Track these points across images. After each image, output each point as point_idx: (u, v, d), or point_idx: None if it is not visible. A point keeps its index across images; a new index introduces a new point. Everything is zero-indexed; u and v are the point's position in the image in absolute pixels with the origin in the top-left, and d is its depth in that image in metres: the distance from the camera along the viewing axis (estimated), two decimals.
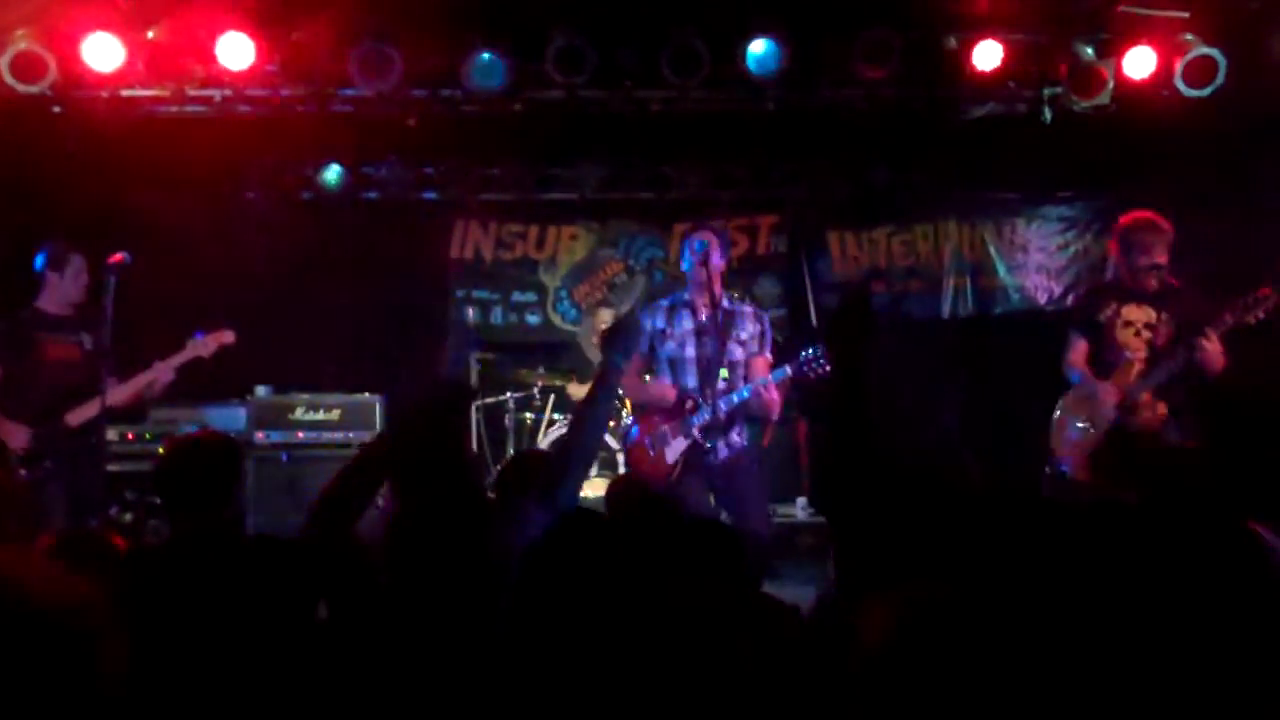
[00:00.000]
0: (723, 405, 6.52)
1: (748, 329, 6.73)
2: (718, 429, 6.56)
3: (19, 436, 6.64)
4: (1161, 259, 6.64)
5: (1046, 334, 9.89)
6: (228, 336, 7.05)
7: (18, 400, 6.68)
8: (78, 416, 6.72)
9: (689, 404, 6.61)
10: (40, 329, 6.83)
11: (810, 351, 6.56)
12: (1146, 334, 6.69)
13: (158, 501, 6.57)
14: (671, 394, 6.63)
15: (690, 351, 6.66)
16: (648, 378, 6.83)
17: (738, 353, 6.66)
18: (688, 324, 6.69)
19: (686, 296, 6.76)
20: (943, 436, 9.14)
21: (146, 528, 8.05)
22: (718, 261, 6.63)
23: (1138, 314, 6.73)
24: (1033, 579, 2.62)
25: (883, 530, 3.48)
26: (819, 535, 9.01)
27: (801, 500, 9.45)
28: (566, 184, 10.30)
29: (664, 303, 6.87)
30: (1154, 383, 6.54)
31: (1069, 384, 6.97)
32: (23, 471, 6.56)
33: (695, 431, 6.56)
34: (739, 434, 6.73)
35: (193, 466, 4.17)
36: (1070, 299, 10.37)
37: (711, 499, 6.61)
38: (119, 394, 6.81)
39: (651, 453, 6.67)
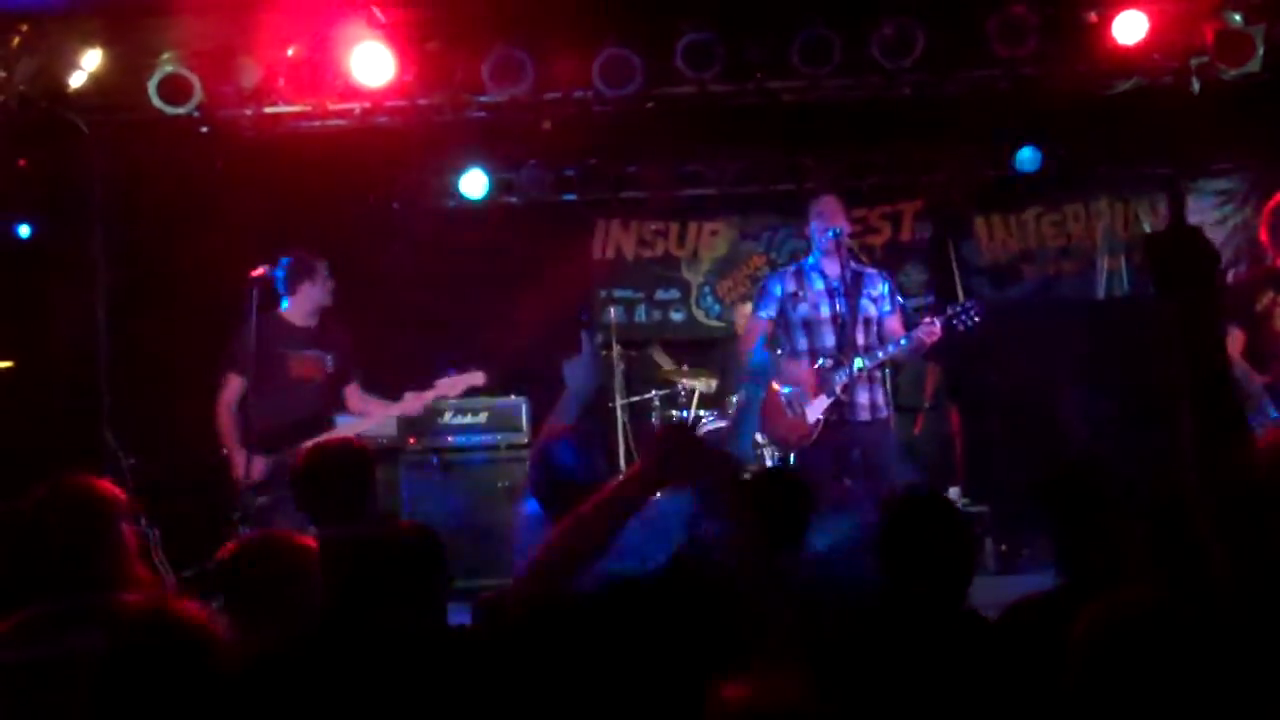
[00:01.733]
0: (868, 361, 6.55)
1: (877, 287, 6.82)
2: (860, 387, 6.59)
3: (255, 469, 6.53)
4: None
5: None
6: (478, 378, 7.07)
7: (256, 421, 6.58)
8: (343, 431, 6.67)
9: (828, 363, 6.63)
10: (285, 343, 6.84)
11: (960, 306, 6.50)
12: None
13: None
14: (809, 391, 6.58)
15: (825, 312, 6.75)
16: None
17: (870, 310, 6.75)
18: (819, 285, 6.78)
19: (811, 260, 6.86)
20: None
21: None
22: (844, 224, 6.72)
23: None
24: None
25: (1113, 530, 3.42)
26: (975, 523, 8.84)
27: (955, 490, 9.27)
28: (705, 179, 10.27)
29: (790, 268, 7.01)
30: None
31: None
32: (260, 499, 6.46)
33: (838, 389, 6.59)
34: (884, 400, 6.77)
35: (325, 475, 4.28)
36: (1230, 276, 10.03)
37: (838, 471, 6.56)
38: (354, 426, 6.84)
39: (790, 413, 6.68)
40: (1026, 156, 9.74)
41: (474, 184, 9.88)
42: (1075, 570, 3.47)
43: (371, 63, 7.40)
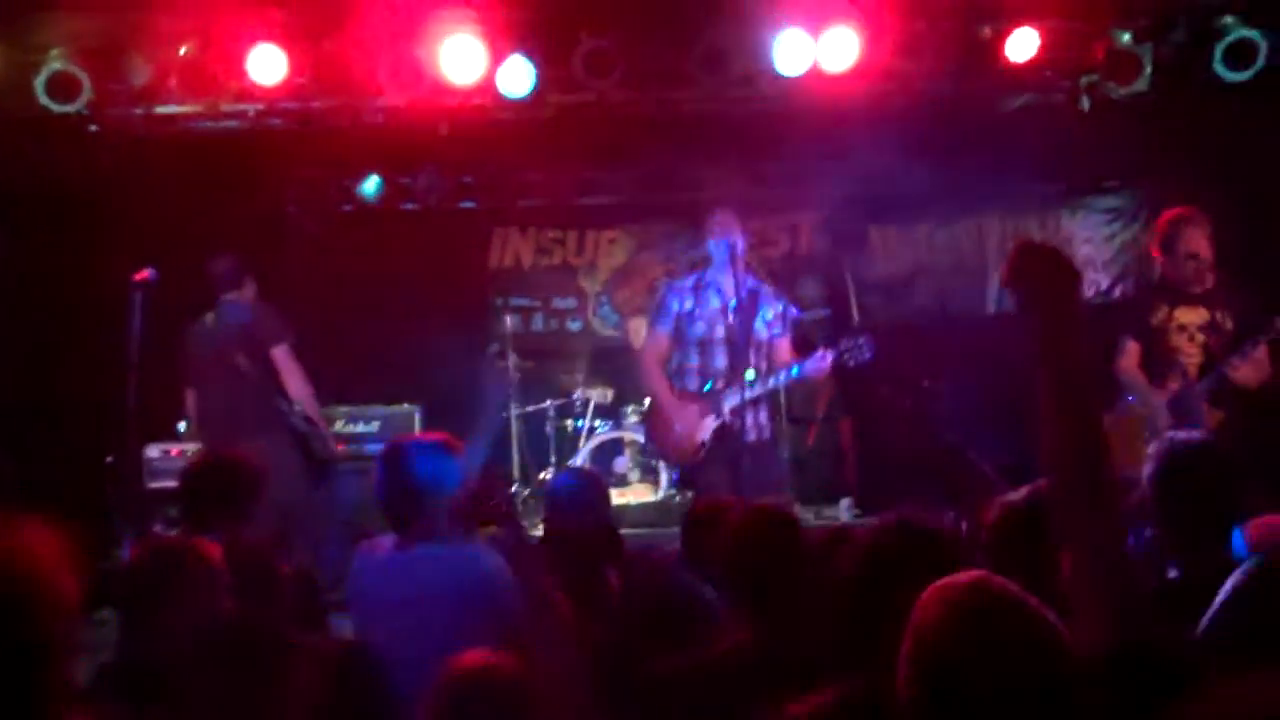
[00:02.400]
0: (758, 387, 6.56)
1: (772, 308, 6.79)
2: (748, 410, 6.55)
3: None
4: (1200, 249, 6.51)
5: (1094, 327, 9.81)
6: None
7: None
8: None
9: (719, 384, 6.66)
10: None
11: (852, 341, 6.54)
12: (1201, 337, 6.55)
13: None
14: (692, 417, 6.68)
15: (720, 332, 6.70)
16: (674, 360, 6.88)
17: (763, 333, 6.72)
18: (715, 303, 6.72)
19: (708, 276, 6.79)
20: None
21: None
22: (739, 237, 6.65)
23: (1191, 316, 6.59)
24: None
25: None
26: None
27: (846, 501, 9.34)
28: (603, 188, 10.26)
29: (688, 282, 6.90)
30: (1207, 388, 6.43)
31: (1122, 390, 6.85)
32: None
33: (726, 411, 6.60)
34: (767, 419, 6.80)
35: (210, 485, 4.20)
36: (1119, 291, 10.24)
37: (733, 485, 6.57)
38: None
39: (678, 429, 6.69)
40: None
41: (369, 187, 9.79)
42: None
43: (265, 63, 7.27)
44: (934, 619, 2.09)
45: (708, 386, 6.72)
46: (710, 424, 6.64)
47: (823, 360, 6.61)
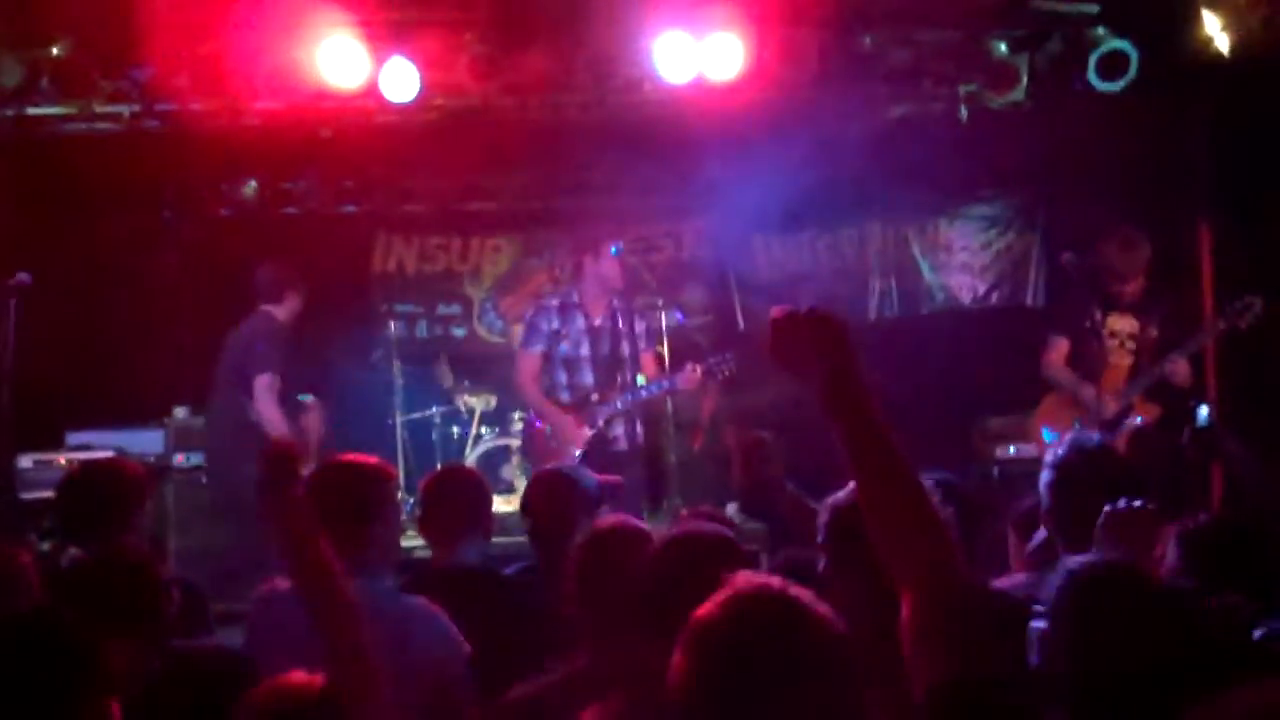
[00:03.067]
0: (629, 397, 7.07)
1: (639, 325, 7.19)
2: (618, 422, 7.12)
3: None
4: (1141, 266, 6.83)
5: (972, 332, 10.00)
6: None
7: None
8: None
9: (594, 398, 7.05)
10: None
11: (719, 356, 7.13)
12: (1130, 344, 6.84)
13: None
14: (570, 425, 7.06)
15: (585, 350, 7.11)
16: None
17: (627, 349, 7.12)
18: (580, 323, 7.12)
19: (576, 297, 7.18)
20: None
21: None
22: (609, 268, 7.10)
23: (1122, 324, 6.89)
24: None
25: None
26: (750, 539, 8.95)
27: (733, 506, 9.38)
28: (489, 194, 10.21)
29: (554, 302, 7.29)
30: (1141, 385, 6.73)
31: (1049, 385, 7.06)
32: None
33: (600, 423, 7.02)
34: (637, 430, 7.27)
35: (88, 494, 4.10)
36: (995, 298, 10.44)
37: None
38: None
39: (552, 443, 7.05)
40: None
41: (249, 192, 9.62)
42: None
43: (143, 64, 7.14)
44: (712, 617, 2.14)
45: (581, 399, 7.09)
46: (584, 435, 7.02)
47: (693, 373, 7.08)
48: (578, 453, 6.95)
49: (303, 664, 3.26)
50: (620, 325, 7.09)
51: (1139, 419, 6.85)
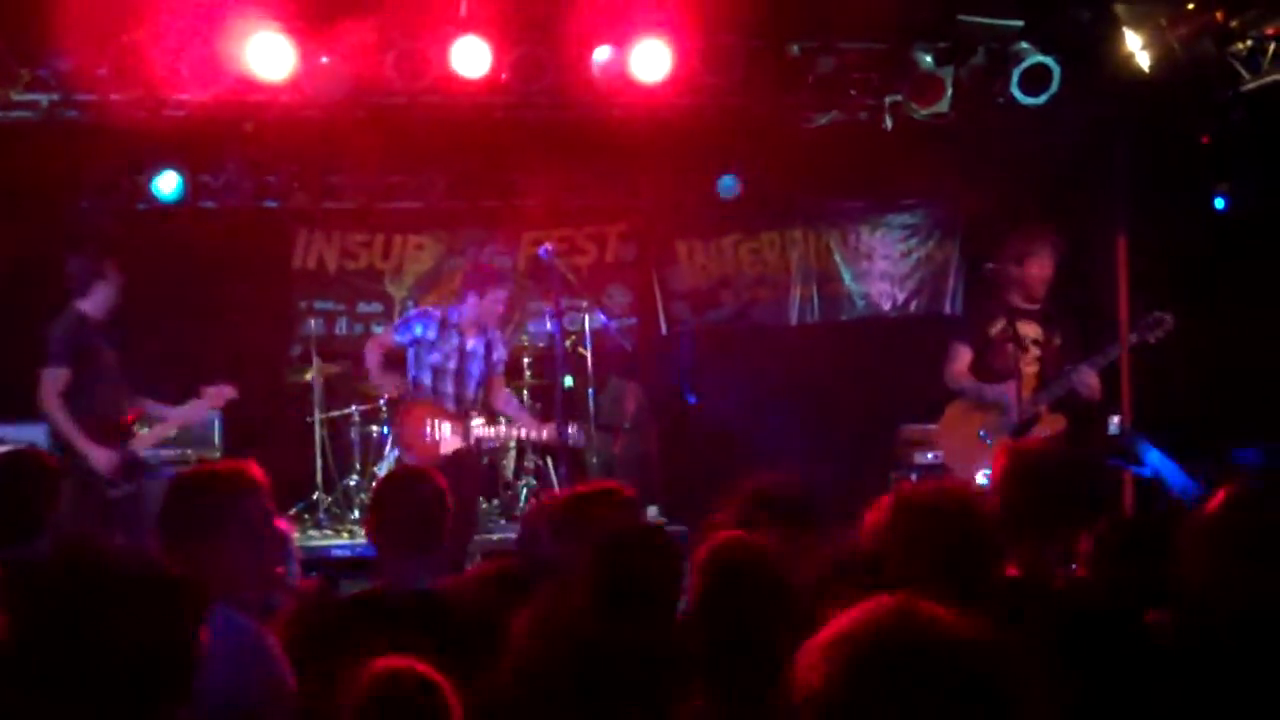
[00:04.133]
0: (503, 434, 7.98)
1: (498, 353, 7.76)
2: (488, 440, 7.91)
3: (112, 460, 6.72)
4: (1050, 272, 6.91)
5: (891, 340, 10.12)
6: (229, 392, 7.32)
7: (88, 413, 6.71)
8: (146, 441, 7.08)
9: (471, 411, 7.64)
10: (98, 338, 6.95)
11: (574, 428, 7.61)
12: (1036, 350, 6.91)
13: None
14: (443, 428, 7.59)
15: (453, 365, 7.60)
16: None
17: (486, 372, 7.71)
18: (454, 340, 7.56)
19: (455, 319, 7.60)
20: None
21: None
22: (499, 312, 7.75)
23: (1028, 329, 6.96)
24: None
25: None
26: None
27: (654, 509, 9.41)
28: (411, 192, 10.14)
29: (436, 313, 7.72)
30: (1049, 396, 6.79)
31: (954, 394, 7.12)
32: (122, 488, 6.74)
33: (472, 438, 7.58)
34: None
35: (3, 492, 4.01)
36: (914, 306, 10.56)
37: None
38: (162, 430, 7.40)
39: (428, 436, 7.53)
40: (727, 184, 10.00)
41: (168, 184, 9.46)
42: None
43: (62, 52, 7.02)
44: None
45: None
46: (457, 442, 7.55)
47: (540, 433, 7.83)
48: (446, 453, 7.48)
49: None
50: (488, 353, 7.65)
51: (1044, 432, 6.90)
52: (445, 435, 7.55)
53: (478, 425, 7.63)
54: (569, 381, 6.81)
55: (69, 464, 6.32)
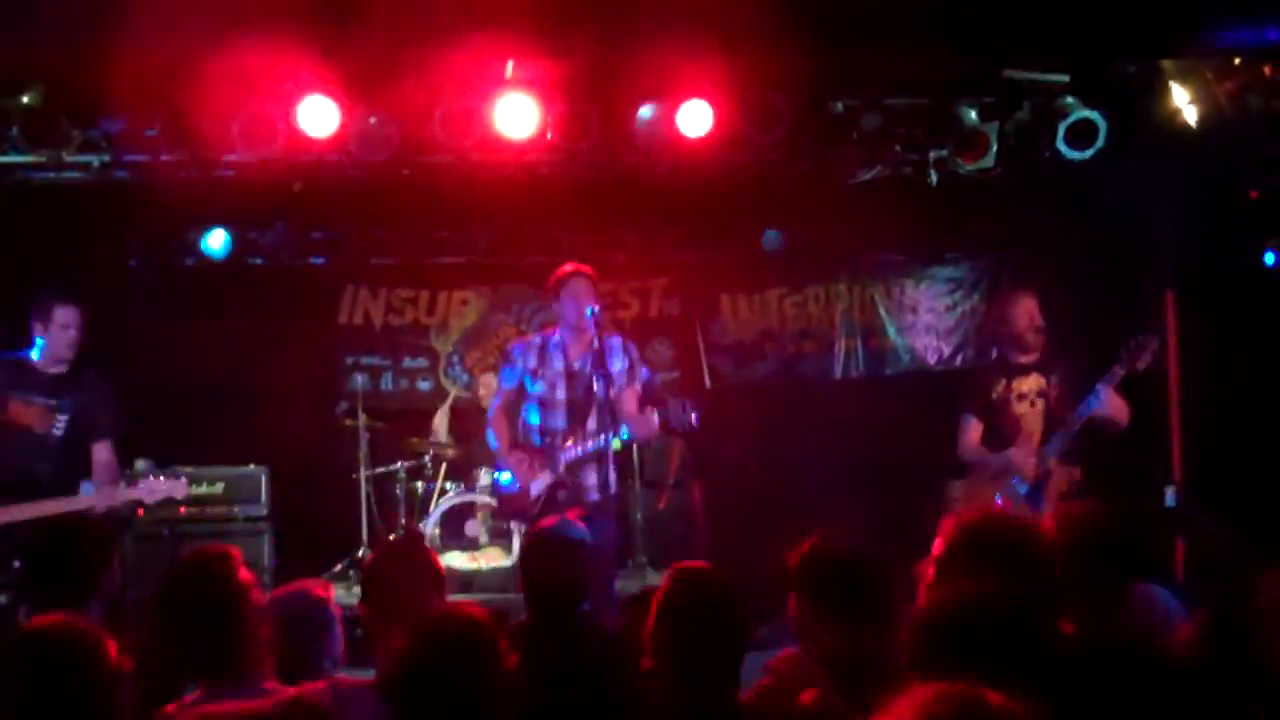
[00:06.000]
0: (591, 446, 6.60)
1: (617, 363, 6.77)
2: (586, 469, 6.64)
3: None
4: (1038, 319, 6.84)
5: (936, 394, 10.05)
6: (179, 488, 6.57)
7: None
8: (20, 513, 5.97)
9: (557, 440, 6.70)
10: (13, 386, 6.37)
11: (679, 403, 6.59)
12: (1040, 402, 6.83)
13: None
14: (528, 467, 6.73)
15: (561, 394, 6.75)
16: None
17: (604, 393, 6.57)
18: (558, 365, 6.76)
19: (558, 337, 6.83)
20: None
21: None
22: (592, 307, 6.62)
23: (1028, 384, 6.90)
24: None
25: None
26: None
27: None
28: (457, 248, 10.20)
29: (536, 340, 6.94)
30: (1058, 448, 6.66)
31: (965, 469, 7.05)
32: None
33: (561, 468, 6.65)
34: (613, 478, 6.66)
35: (50, 558, 4.03)
36: (960, 359, 10.50)
37: None
38: (85, 500, 6.17)
39: (516, 486, 6.75)
40: (771, 238, 10.00)
41: (216, 241, 9.57)
42: None
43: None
44: None
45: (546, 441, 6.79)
46: (545, 479, 6.69)
47: (651, 420, 6.64)
48: (537, 495, 6.67)
49: None
50: (597, 366, 6.59)
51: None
52: (531, 480, 6.72)
53: (565, 455, 6.68)
54: (617, 444, 6.59)
55: None
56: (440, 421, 9.89)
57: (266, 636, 3.58)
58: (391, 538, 8.37)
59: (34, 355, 6.49)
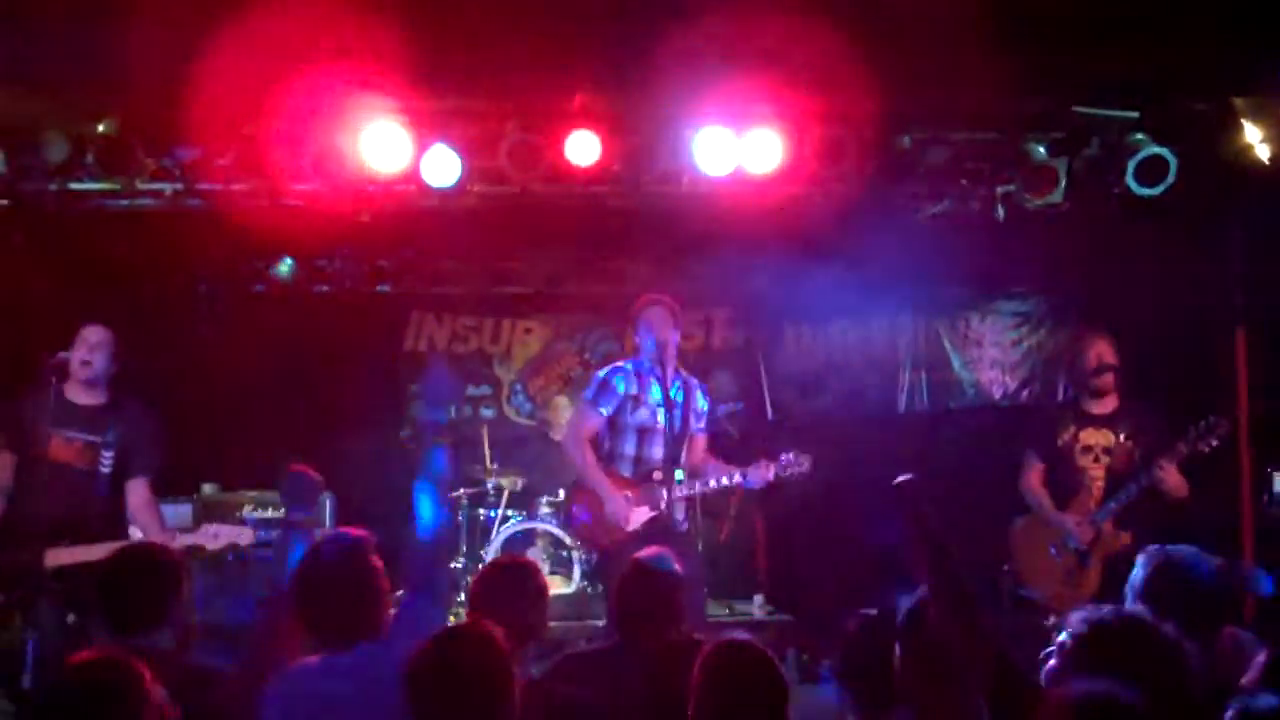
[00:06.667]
0: (698, 486, 6.61)
1: (697, 403, 6.82)
2: (681, 504, 6.63)
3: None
4: (1110, 359, 6.77)
5: (1001, 429, 9.96)
6: (245, 535, 6.39)
7: (18, 508, 5.93)
8: (65, 557, 5.78)
9: (658, 475, 6.58)
10: (53, 420, 6.00)
11: (794, 457, 6.68)
12: (1105, 459, 6.80)
13: None
14: (625, 501, 6.60)
15: (661, 422, 6.62)
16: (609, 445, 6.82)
17: (693, 425, 6.72)
18: (656, 394, 6.67)
19: (646, 364, 6.76)
20: None
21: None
22: (674, 335, 6.68)
23: (1096, 438, 6.85)
24: None
25: None
26: (775, 632, 8.89)
27: (759, 598, 9.33)
28: (521, 277, 10.26)
29: (629, 366, 6.85)
30: (1114, 510, 6.60)
31: (1027, 506, 7.00)
32: None
33: (663, 504, 6.53)
34: (698, 514, 6.78)
35: (122, 587, 4.09)
36: (1025, 394, 10.40)
37: None
38: (78, 553, 5.79)
39: (611, 518, 6.59)
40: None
41: (284, 270, 9.68)
42: None
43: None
44: None
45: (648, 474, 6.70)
46: (644, 513, 6.60)
47: (766, 471, 6.69)
48: (636, 529, 6.51)
49: None
50: (689, 398, 6.71)
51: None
52: (630, 512, 6.58)
53: (665, 491, 6.52)
54: (680, 475, 6.57)
55: None
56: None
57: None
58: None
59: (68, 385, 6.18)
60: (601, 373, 6.98)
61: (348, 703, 3.72)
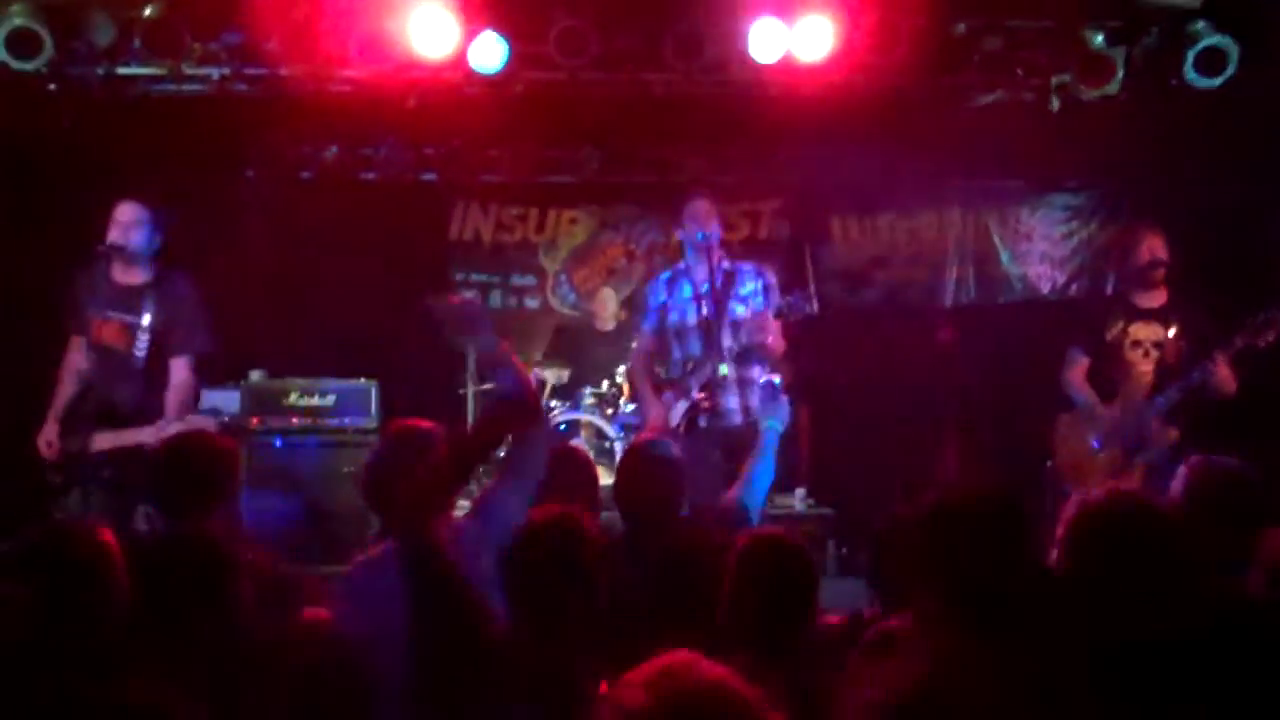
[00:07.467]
0: (718, 365, 6.46)
1: (748, 284, 6.73)
2: (725, 390, 6.50)
3: (52, 444, 5.84)
4: (1161, 254, 6.66)
5: (1049, 323, 9.88)
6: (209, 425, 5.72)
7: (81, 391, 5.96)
8: (106, 441, 5.82)
9: (689, 366, 6.60)
10: (96, 303, 6.04)
11: (794, 296, 6.49)
12: (1155, 353, 6.67)
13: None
14: (666, 403, 6.61)
15: (691, 319, 6.66)
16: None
17: (739, 311, 6.60)
18: (687, 291, 6.71)
19: (683, 265, 6.81)
20: None
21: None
22: (715, 228, 6.62)
23: (1146, 332, 6.73)
24: None
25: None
26: (818, 525, 8.91)
27: (800, 491, 9.34)
28: (567, 167, 10.19)
29: (664, 276, 6.94)
30: (1163, 407, 6.51)
31: (1070, 402, 6.93)
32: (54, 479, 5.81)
33: (695, 392, 6.51)
34: (753, 404, 6.46)
35: (178, 474, 4.14)
36: (1074, 289, 10.30)
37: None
38: (122, 437, 5.80)
39: (654, 421, 6.59)
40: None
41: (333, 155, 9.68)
42: None
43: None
44: None
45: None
46: (681, 408, 6.58)
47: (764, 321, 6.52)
48: (676, 425, 6.45)
49: (390, 629, 3.36)
50: (726, 287, 6.59)
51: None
52: (671, 409, 6.56)
53: (696, 379, 6.48)
54: (724, 369, 6.52)
55: None
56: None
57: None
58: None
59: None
60: (642, 292, 7.14)
61: None
